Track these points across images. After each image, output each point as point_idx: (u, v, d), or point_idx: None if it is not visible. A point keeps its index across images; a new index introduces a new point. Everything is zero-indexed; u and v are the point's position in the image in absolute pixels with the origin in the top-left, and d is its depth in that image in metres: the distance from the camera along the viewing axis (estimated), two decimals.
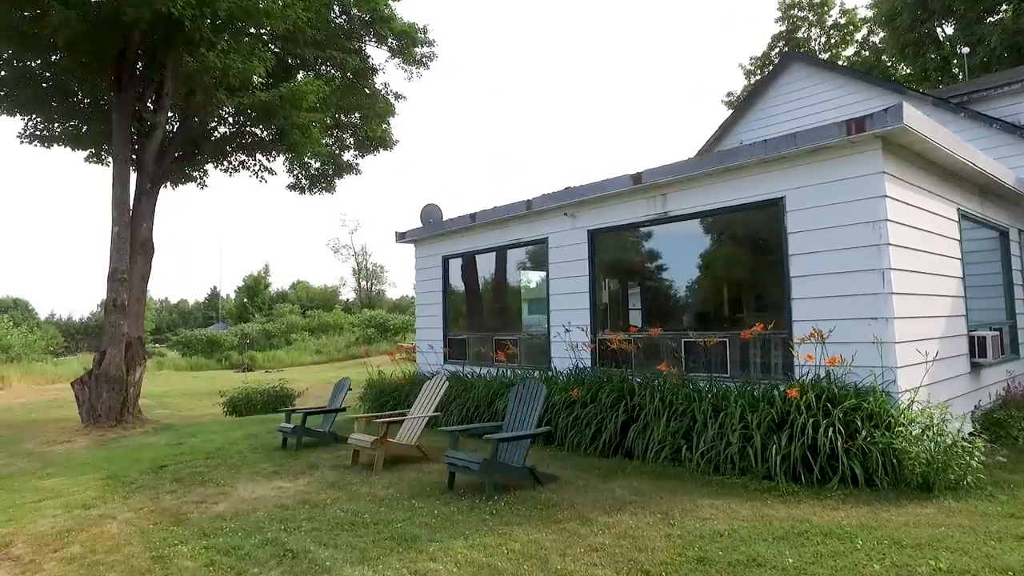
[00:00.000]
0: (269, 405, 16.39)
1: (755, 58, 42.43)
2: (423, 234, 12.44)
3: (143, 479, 7.60)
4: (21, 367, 27.72)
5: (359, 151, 19.78)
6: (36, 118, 14.52)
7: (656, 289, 9.33)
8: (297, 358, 43.09)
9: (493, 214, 10.74)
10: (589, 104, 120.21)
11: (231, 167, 16.34)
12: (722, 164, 7.70)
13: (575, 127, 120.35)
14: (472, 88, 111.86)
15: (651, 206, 8.61)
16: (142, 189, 13.77)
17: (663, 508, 5.31)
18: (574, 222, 9.63)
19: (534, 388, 6.52)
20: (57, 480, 8.01)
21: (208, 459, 8.60)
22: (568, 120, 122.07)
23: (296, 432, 8.65)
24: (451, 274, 12.16)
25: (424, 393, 8.05)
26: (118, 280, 12.76)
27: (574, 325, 9.24)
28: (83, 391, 12.72)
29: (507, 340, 10.76)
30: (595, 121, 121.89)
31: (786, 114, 16.24)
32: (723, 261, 8.47)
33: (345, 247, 71.02)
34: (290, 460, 8.14)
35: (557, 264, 9.90)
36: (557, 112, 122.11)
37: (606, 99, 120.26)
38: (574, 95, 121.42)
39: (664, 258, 9.06)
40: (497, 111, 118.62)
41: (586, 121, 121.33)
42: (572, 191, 9.54)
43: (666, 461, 6.63)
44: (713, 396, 6.71)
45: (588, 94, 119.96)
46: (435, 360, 11.93)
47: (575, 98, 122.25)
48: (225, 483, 7.08)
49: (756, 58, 42.34)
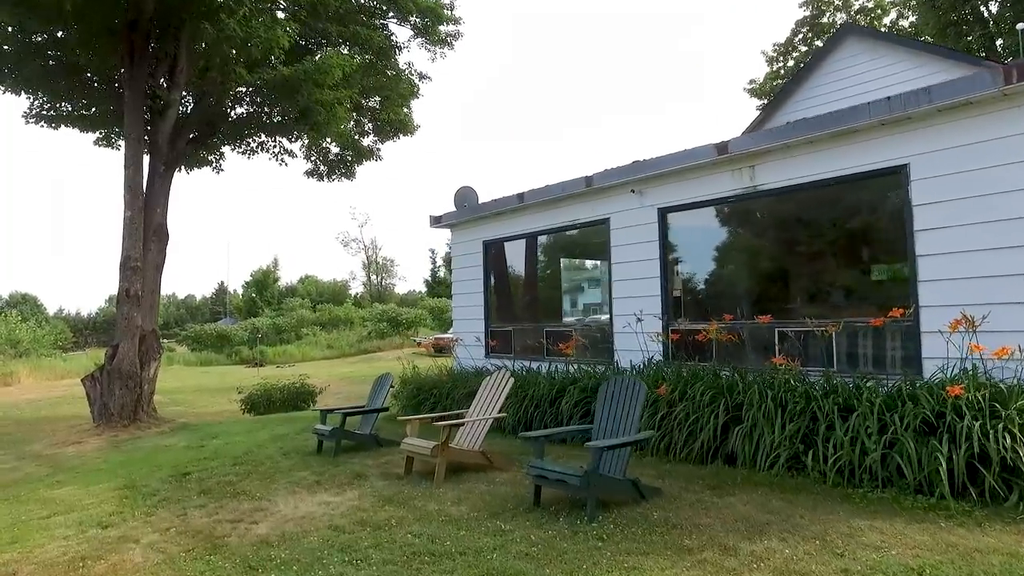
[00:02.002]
0: (289, 402, 15.45)
1: (778, 44, 41.24)
2: (461, 217, 11.45)
3: (165, 490, 6.64)
4: (30, 362, 26.90)
5: (378, 137, 18.76)
6: (42, 96, 13.59)
7: (738, 273, 8.32)
8: (308, 353, 42.24)
9: (545, 193, 9.73)
10: (599, 96, 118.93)
11: (249, 149, 15.37)
12: (827, 129, 6.69)
13: (578, 122, 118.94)
14: (488, 70, 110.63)
15: (736, 180, 7.59)
16: (156, 172, 12.83)
17: (814, 531, 4.31)
18: (642, 200, 8.63)
19: (629, 386, 5.52)
20: (68, 489, 7.06)
21: (236, 465, 7.63)
22: (570, 116, 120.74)
23: (335, 435, 7.68)
24: (494, 261, 11.16)
25: (485, 391, 7.05)
26: (131, 268, 11.83)
27: (646, 314, 8.22)
28: (94, 388, 11.79)
29: (561, 331, 9.78)
30: (601, 114, 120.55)
31: (838, 92, 15.13)
32: (821, 241, 7.45)
33: (355, 240, 70.03)
34: (330, 467, 7.16)
35: (621, 247, 8.90)
36: (562, 108, 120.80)
37: (618, 91, 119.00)
38: (577, 91, 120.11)
39: (750, 239, 8.06)
40: (514, 95, 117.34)
41: (592, 115, 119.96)
42: (641, 165, 8.54)
43: (781, 470, 5.62)
44: (836, 394, 5.70)
45: (599, 86, 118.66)
46: (477, 354, 10.93)
47: (580, 93, 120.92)
48: (261, 496, 6.11)
49: (779, 45, 41.16)
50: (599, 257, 9.82)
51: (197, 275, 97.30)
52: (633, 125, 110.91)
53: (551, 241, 10.30)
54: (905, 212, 6.23)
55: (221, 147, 15.31)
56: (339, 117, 13.73)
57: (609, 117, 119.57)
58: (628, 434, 5.32)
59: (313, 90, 12.89)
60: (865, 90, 14.58)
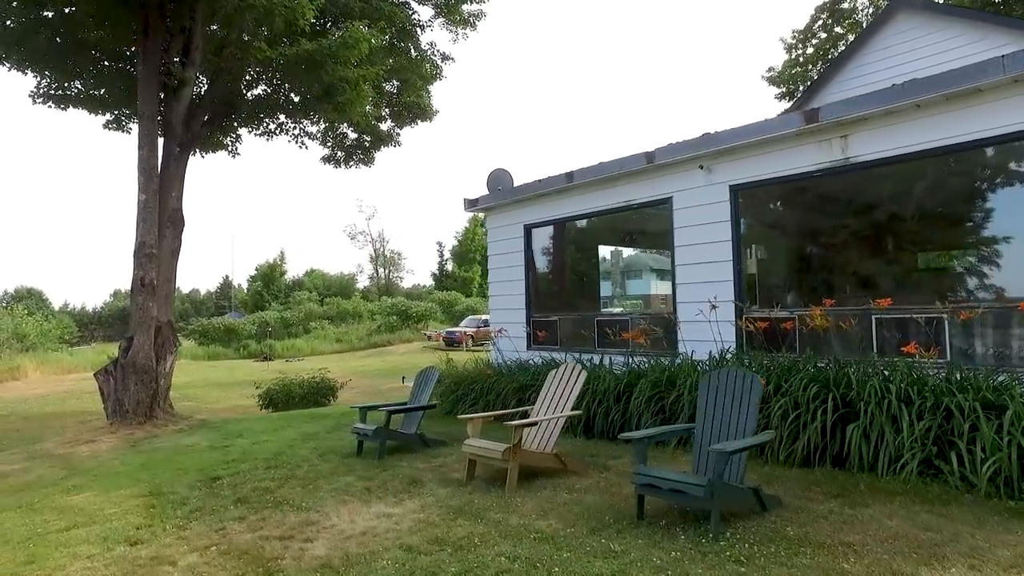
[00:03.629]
0: (309, 398, 14.75)
1: (797, 31, 40.36)
2: (500, 200, 10.68)
3: (196, 497, 5.91)
4: (37, 356, 26.23)
5: (395, 122, 17.97)
6: (50, 76, 12.83)
7: (826, 255, 7.56)
8: (317, 347, 41.57)
9: (597, 171, 8.96)
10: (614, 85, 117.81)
11: (268, 131, 14.59)
12: (942, 90, 5.90)
13: (587, 113, 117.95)
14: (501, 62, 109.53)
15: (825, 151, 6.81)
16: (170, 154, 12.05)
17: (1004, 556, 3.56)
18: (710, 177, 7.85)
19: (739, 379, 4.76)
20: (87, 496, 6.34)
21: (270, 469, 6.91)
22: (576, 108, 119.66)
23: (380, 435, 6.94)
24: (536, 246, 10.40)
25: (552, 386, 6.29)
26: (145, 256, 11.08)
27: (720, 300, 7.46)
28: (108, 383, 11.06)
29: (614, 321, 9.03)
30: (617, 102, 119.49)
31: (887, 70, 14.26)
32: (927, 218, 6.68)
33: (362, 233, 69.34)
34: (377, 471, 6.43)
35: (685, 228, 8.13)
36: (569, 101, 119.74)
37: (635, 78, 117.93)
38: (585, 82, 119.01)
39: (838, 217, 7.29)
40: (532, 83, 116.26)
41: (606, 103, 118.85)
42: (711, 138, 7.76)
43: (912, 475, 4.86)
44: (974, 389, 4.94)
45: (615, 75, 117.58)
46: (518, 346, 10.15)
47: (589, 84, 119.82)
48: (307, 506, 5.38)
49: (798, 32, 40.28)
50: (658, 241, 9.06)
51: (201, 269, 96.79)
52: (645, 114, 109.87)
53: (602, 224, 9.52)
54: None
55: (238, 129, 14.54)
56: (363, 96, 12.93)
57: (613, 111, 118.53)
58: (742, 435, 4.56)
59: (337, 68, 12.12)
60: (917, 67, 13.70)
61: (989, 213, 6.37)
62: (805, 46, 39.49)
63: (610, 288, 9.79)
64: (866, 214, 7.09)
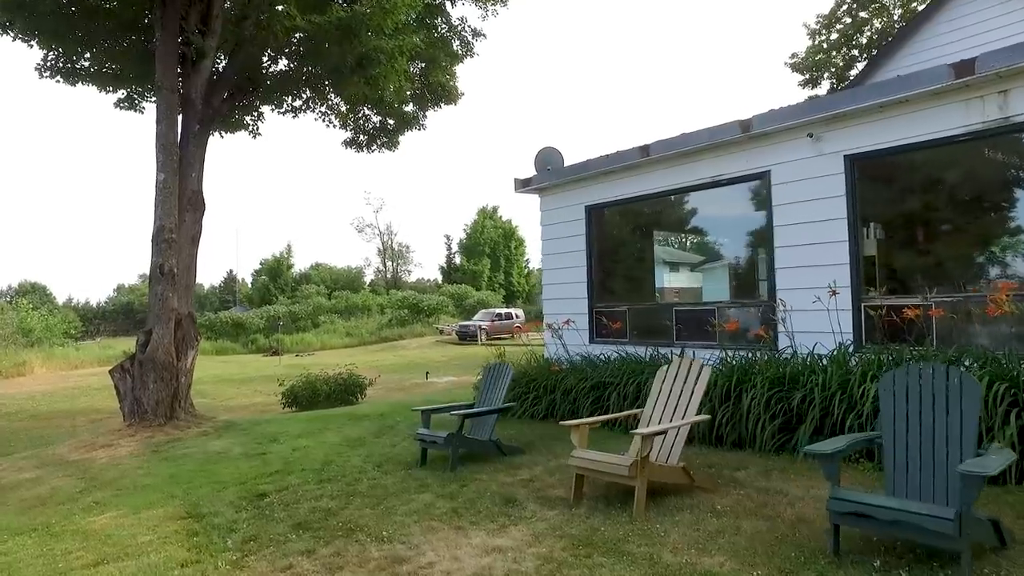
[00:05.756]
0: (336, 396, 13.77)
1: (821, 16, 39.30)
2: (556, 179, 9.67)
3: (244, 521, 4.93)
4: (43, 351, 25.30)
5: (418, 105, 16.91)
6: (57, 48, 11.84)
7: (973, 231, 6.56)
8: (327, 341, 40.70)
9: (680, 143, 7.96)
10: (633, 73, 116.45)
11: (293, 109, 13.57)
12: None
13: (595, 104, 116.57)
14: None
15: (975, 111, 5.81)
16: (189, 131, 11.05)
17: None
18: (820, 146, 6.84)
19: (946, 379, 3.74)
20: (112, 516, 5.37)
21: (323, 483, 5.94)
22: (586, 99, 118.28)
23: (450, 442, 5.95)
24: (600, 229, 9.39)
25: (666, 386, 5.28)
26: (165, 241, 10.09)
27: (839, 286, 6.47)
28: (124, 380, 10.07)
29: (698, 311, 8.05)
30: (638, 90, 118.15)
31: (957, 43, 13.22)
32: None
33: (369, 226, 68.25)
34: (455, 486, 5.45)
35: (787, 206, 7.13)
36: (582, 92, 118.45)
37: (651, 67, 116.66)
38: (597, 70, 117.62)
39: (992, 188, 6.29)
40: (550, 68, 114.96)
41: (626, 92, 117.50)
42: (821, 102, 6.79)
43: None
44: None
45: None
46: (579, 339, 9.15)
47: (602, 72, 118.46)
48: (387, 535, 4.39)
49: (822, 16, 39.21)
50: (748, 220, 8.07)
51: (205, 263, 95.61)
52: (659, 104, 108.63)
53: (678, 203, 8.52)
54: None
55: (260, 107, 13.52)
56: (399, 69, 11.94)
57: (613, 107, 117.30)
58: (957, 448, 3.56)
59: (371, 38, 11.12)
60: (991, 39, 12.71)
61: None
62: (829, 31, 38.34)
63: (689, 275, 8.79)
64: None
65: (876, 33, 25.04)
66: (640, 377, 7.20)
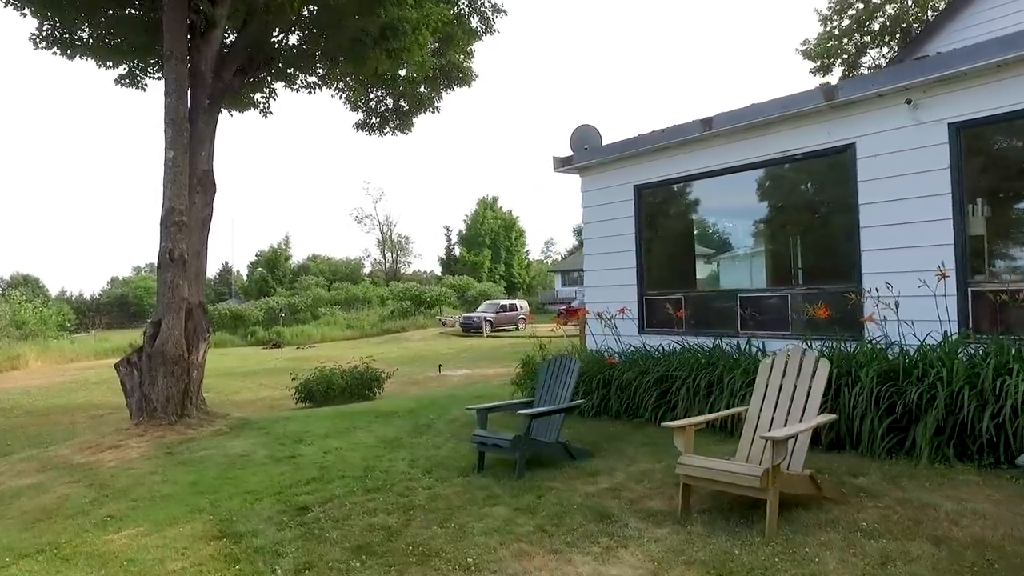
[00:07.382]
0: (352, 390, 13.05)
1: (834, 2, 38.60)
2: (600, 157, 8.91)
3: (290, 542, 4.20)
4: (37, 345, 24.44)
5: (430, 88, 16.09)
6: (53, 17, 11.00)
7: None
8: (328, 333, 39.91)
9: (749, 114, 7.22)
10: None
11: (308, 85, 12.76)
12: None
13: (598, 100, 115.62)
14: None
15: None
16: (199, 107, 10.24)
17: None
18: (917, 114, 6.12)
19: None
20: (132, 534, 4.63)
21: (370, 493, 5.22)
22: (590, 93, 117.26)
23: (516, 446, 5.23)
24: (651, 210, 8.66)
25: (776, 382, 4.54)
26: (175, 224, 9.30)
27: (919, 270, 5.76)
28: (131, 375, 9.30)
29: (768, 297, 7.35)
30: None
31: (1001, 19, 12.54)
32: None
33: (368, 217, 67.24)
34: (530, 497, 4.73)
35: (876, 181, 6.41)
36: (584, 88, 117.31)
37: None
38: None
39: None
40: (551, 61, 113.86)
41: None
42: (923, 64, 6.04)
43: None
44: None
45: None
46: (627, 329, 8.41)
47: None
48: (473, 562, 3.67)
49: (835, 2, 38.51)
50: (825, 198, 7.36)
51: None
52: (661, 92, 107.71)
53: (741, 181, 7.77)
54: None
55: (272, 83, 12.70)
56: (423, 42, 11.15)
57: (613, 101, 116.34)
58: None
59: (393, 8, 10.34)
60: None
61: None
62: (841, 17, 37.64)
63: (750, 259, 8.08)
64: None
65: (889, 20, 24.33)
66: (711, 371, 6.50)
